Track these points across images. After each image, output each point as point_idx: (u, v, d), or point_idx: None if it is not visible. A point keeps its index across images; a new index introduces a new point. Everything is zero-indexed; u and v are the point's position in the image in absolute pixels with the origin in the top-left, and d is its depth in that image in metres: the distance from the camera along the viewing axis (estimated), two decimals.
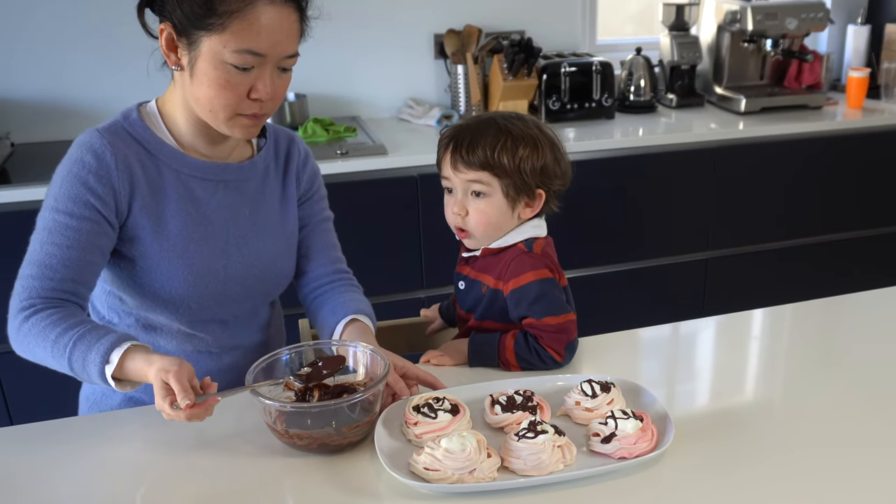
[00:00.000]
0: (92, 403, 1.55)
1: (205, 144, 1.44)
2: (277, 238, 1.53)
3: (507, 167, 1.43)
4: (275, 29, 1.28)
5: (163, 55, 1.35)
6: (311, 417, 1.21)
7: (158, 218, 1.39)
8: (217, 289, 1.45)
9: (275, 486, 1.18)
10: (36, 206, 2.25)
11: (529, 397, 1.28)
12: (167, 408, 1.16)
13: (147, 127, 1.40)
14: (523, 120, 1.48)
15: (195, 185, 1.43)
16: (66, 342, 1.25)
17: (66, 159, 1.36)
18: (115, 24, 2.77)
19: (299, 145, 1.59)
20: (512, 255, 1.48)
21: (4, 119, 2.72)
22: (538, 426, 1.16)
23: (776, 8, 3.11)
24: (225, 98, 1.31)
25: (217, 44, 1.27)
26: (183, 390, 1.15)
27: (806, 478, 1.15)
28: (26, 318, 1.30)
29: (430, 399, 1.25)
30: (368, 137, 2.80)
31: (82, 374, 1.25)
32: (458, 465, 1.12)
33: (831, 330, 1.69)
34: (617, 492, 1.13)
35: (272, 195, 1.53)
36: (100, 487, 1.18)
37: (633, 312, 2.32)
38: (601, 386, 1.29)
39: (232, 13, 1.25)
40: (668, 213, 2.96)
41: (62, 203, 1.33)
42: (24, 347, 1.32)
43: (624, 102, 3.23)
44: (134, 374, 1.23)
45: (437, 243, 2.67)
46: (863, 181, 3.16)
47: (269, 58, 1.30)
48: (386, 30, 3.06)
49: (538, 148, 1.44)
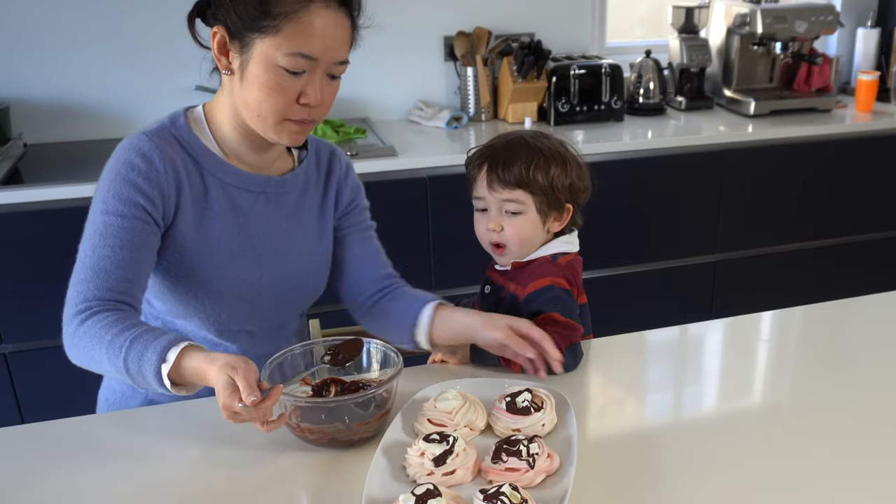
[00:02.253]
0: (111, 404, 1.54)
1: (249, 152, 1.44)
2: (312, 253, 1.53)
3: (542, 184, 1.47)
4: (328, 34, 1.29)
5: (213, 60, 1.36)
6: (325, 412, 1.23)
7: (199, 226, 1.40)
8: (248, 300, 1.46)
9: (288, 480, 1.19)
10: (48, 206, 2.30)
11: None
12: (235, 403, 1.12)
13: (193, 133, 1.40)
14: (548, 138, 1.53)
15: (237, 195, 1.43)
16: (122, 342, 1.22)
17: (112, 162, 1.35)
18: (128, 26, 2.80)
19: (340, 158, 1.58)
20: (537, 264, 1.51)
21: (17, 120, 2.73)
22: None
23: (786, 11, 3.11)
24: (274, 102, 1.31)
25: (270, 46, 1.28)
26: (249, 387, 1.11)
27: (814, 481, 1.16)
28: (82, 321, 1.27)
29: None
30: (378, 139, 2.81)
31: (137, 375, 1.22)
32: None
33: (840, 333, 1.69)
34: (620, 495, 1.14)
35: (310, 208, 1.53)
36: (115, 482, 1.19)
37: (642, 314, 2.33)
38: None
39: (286, 15, 1.26)
40: (677, 215, 2.96)
41: (111, 205, 1.32)
42: (80, 351, 1.28)
43: (633, 105, 3.23)
44: (191, 373, 1.19)
45: (447, 245, 2.68)
46: (872, 184, 3.15)
47: (321, 63, 1.30)
48: (396, 32, 3.07)
49: (566, 165, 1.50)
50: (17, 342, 2.43)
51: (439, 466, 1.12)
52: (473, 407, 1.26)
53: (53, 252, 2.33)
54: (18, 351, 2.44)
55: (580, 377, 1.45)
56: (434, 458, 1.12)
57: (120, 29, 2.80)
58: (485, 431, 1.26)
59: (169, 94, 1.48)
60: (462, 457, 1.13)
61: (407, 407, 1.29)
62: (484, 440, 1.23)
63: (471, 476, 1.14)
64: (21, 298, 2.38)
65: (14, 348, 2.43)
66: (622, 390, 1.46)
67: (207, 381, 1.17)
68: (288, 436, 1.25)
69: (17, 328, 2.42)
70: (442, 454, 1.12)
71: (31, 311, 2.39)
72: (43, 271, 2.34)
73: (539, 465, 1.13)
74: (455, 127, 3.01)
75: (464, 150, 2.75)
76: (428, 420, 1.24)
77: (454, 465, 1.12)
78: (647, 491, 1.14)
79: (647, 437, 1.30)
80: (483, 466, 1.15)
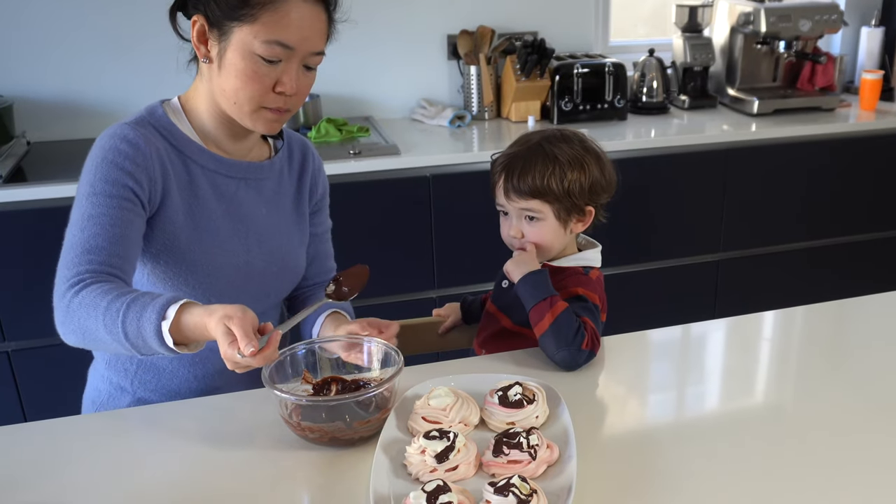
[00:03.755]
0: (98, 406, 1.54)
1: (227, 140, 1.46)
2: (292, 236, 1.57)
3: (557, 193, 1.49)
4: (304, 24, 1.32)
5: (192, 49, 1.38)
6: (326, 411, 1.23)
7: (188, 211, 1.41)
8: (238, 285, 1.47)
9: (288, 479, 1.19)
10: (51, 204, 2.31)
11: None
12: (234, 354, 1.13)
13: (172, 122, 1.42)
14: (567, 140, 1.53)
15: (219, 181, 1.45)
16: (119, 307, 1.20)
17: (97, 150, 1.35)
18: (128, 25, 2.81)
19: (313, 153, 1.62)
20: (570, 274, 1.55)
21: (20, 118, 2.74)
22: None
23: (790, 10, 3.10)
24: (251, 89, 1.34)
25: (248, 34, 1.30)
26: (245, 336, 1.12)
27: (817, 480, 1.15)
28: (76, 293, 1.25)
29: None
30: (381, 137, 2.81)
31: (137, 338, 1.20)
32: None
33: (843, 332, 1.69)
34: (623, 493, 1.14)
35: (286, 196, 1.56)
36: (113, 482, 1.18)
37: (645, 313, 2.32)
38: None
39: (264, 4, 1.29)
40: (680, 214, 2.96)
41: (99, 186, 1.31)
42: (74, 325, 1.25)
43: (636, 104, 3.23)
44: (192, 328, 1.18)
45: (449, 243, 2.68)
46: (876, 183, 3.15)
47: (297, 52, 1.33)
48: (399, 31, 3.07)
49: (584, 168, 1.51)
50: (20, 340, 2.43)
51: (442, 462, 1.12)
52: (466, 403, 1.27)
53: (56, 250, 2.33)
54: (21, 349, 2.44)
55: (582, 376, 1.44)
56: (436, 455, 1.12)
57: (122, 27, 2.81)
58: (478, 426, 1.27)
59: (171, 91, 1.48)
60: (463, 452, 1.14)
61: (398, 405, 1.29)
62: (479, 434, 1.23)
63: (473, 471, 1.14)
64: (24, 296, 2.38)
65: (17, 346, 2.44)
66: (625, 389, 1.46)
67: (207, 334, 1.17)
68: (288, 434, 1.25)
69: (20, 326, 2.42)
70: (444, 450, 1.12)
71: (34, 308, 2.38)
72: (46, 269, 2.33)
73: (540, 456, 1.14)
74: (458, 126, 3.01)
75: (467, 149, 2.79)
76: (423, 418, 1.24)
77: (457, 461, 1.12)
78: (650, 489, 1.14)
79: (650, 437, 1.30)
80: (485, 460, 1.16)
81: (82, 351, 1.35)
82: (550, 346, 1.44)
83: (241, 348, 1.12)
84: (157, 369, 1.48)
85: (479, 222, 2.63)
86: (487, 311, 1.65)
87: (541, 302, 1.45)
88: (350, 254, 1.73)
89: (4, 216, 2.32)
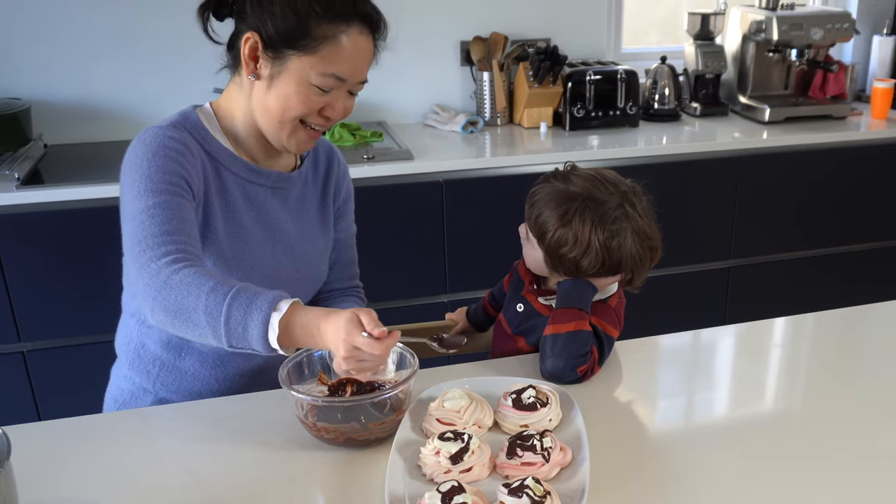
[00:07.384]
0: (120, 404, 1.56)
1: (258, 150, 1.48)
2: (317, 244, 1.59)
3: (554, 264, 1.48)
4: (359, 57, 1.37)
5: (229, 57, 1.41)
6: (341, 412, 1.25)
7: (226, 218, 1.43)
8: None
9: (303, 479, 1.20)
10: (68, 206, 2.33)
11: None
12: (357, 337, 1.14)
13: (206, 128, 1.44)
14: (592, 207, 1.54)
15: (249, 188, 1.47)
16: (227, 291, 1.19)
17: (141, 147, 1.34)
18: (145, 29, 2.83)
19: (339, 158, 1.64)
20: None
21: (38, 121, 2.76)
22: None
23: (802, 18, 3.11)
24: (299, 111, 1.37)
25: (305, 65, 1.33)
26: (373, 321, 1.15)
27: (827, 487, 1.16)
28: (176, 270, 1.21)
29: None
30: (394, 142, 2.83)
31: (238, 325, 1.18)
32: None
33: (853, 339, 1.69)
34: (632, 499, 1.15)
35: (311, 204, 1.58)
36: (131, 480, 1.20)
37: (654, 319, 2.33)
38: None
39: (326, 38, 1.32)
40: (691, 221, 2.97)
41: (157, 177, 1.30)
42: (170, 302, 1.21)
43: (648, 111, 3.24)
44: (302, 325, 1.18)
45: (462, 248, 2.69)
46: (886, 192, 3.15)
47: (348, 82, 1.38)
48: (413, 37, 3.09)
49: (589, 253, 1.45)
50: (36, 340, 2.46)
51: (456, 464, 1.13)
52: (480, 405, 1.28)
53: (72, 252, 2.36)
54: (36, 349, 2.47)
55: (594, 380, 1.45)
56: (451, 456, 1.13)
57: (139, 31, 2.83)
58: (492, 429, 1.28)
59: (187, 96, 1.50)
60: (478, 454, 1.15)
61: (412, 407, 1.31)
62: (493, 437, 1.25)
63: (487, 472, 1.16)
64: (38, 297, 2.40)
65: (32, 346, 2.46)
66: (636, 394, 1.47)
67: (317, 337, 1.18)
68: (303, 435, 1.27)
69: (36, 326, 2.44)
70: (458, 452, 1.14)
71: (49, 309, 2.42)
72: (62, 270, 2.37)
73: (554, 459, 1.15)
74: (471, 131, 3.02)
75: (479, 154, 2.81)
76: (437, 419, 1.26)
77: (471, 462, 1.14)
78: (661, 493, 1.15)
79: (661, 441, 1.31)
80: (498, 462, 1.17)
81: (97, 352, 1.35)
82: (551, 347, 1.42)
83: (369, 329, 1.14)
84: (179, 371, 1.50)
85: (491, 227, 2.65)
86: (503, 332, 1.61)
87: (574, 308, 1.44)
88: (363, 257, 1.75)
89: (21, 218, 2.34)
